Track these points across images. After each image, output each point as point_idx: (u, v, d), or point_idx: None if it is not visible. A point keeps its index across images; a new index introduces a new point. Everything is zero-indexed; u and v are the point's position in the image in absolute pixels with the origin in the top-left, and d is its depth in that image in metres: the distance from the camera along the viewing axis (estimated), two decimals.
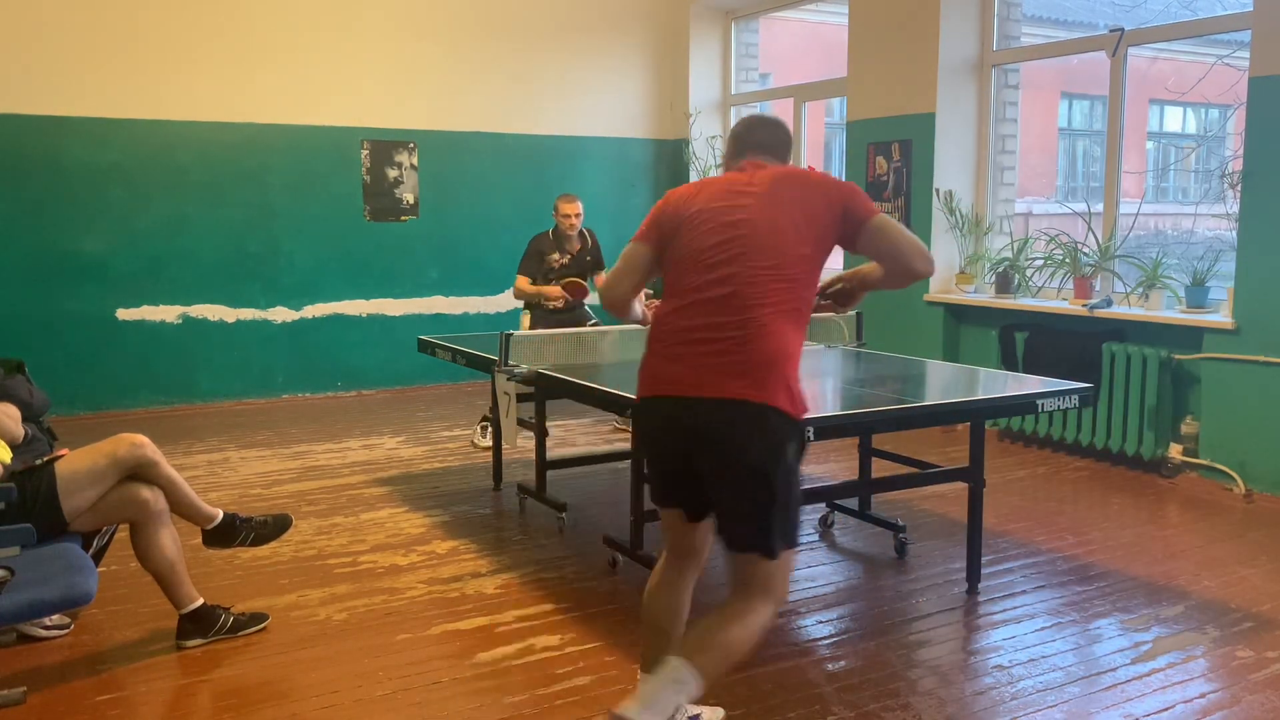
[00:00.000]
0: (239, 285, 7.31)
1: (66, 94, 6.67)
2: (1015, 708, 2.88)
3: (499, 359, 4.17)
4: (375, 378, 7.79)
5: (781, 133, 2.68)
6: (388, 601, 3.66)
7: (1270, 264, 4.87)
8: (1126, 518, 4.69)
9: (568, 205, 6.12)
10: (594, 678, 3.06)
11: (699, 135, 8.56)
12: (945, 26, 6.36)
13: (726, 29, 8.69)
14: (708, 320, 2.39)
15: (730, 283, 2.39)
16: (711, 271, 2.42)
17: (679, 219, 2.52)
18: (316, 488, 5.16)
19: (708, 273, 2.42)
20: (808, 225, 2.45)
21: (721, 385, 2.34)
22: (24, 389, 3.38)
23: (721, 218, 2.46)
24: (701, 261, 2.44)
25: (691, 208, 2.51)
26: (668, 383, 2.43)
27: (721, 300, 2.39)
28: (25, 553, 2.77)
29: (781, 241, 2.42)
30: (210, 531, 3.42)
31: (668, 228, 2.55)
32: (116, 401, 6.97)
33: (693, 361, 2.39)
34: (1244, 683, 3.03)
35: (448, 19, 7.77)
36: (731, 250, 2.41)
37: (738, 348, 2.35)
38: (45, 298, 6.73)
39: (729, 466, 2.36)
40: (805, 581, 3.87)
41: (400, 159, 7.74)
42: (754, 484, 2.35)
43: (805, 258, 2.46)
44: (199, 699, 2.98)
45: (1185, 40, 5.89)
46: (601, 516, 4.62)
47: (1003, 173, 6.66)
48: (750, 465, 2.34)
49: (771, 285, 2.39)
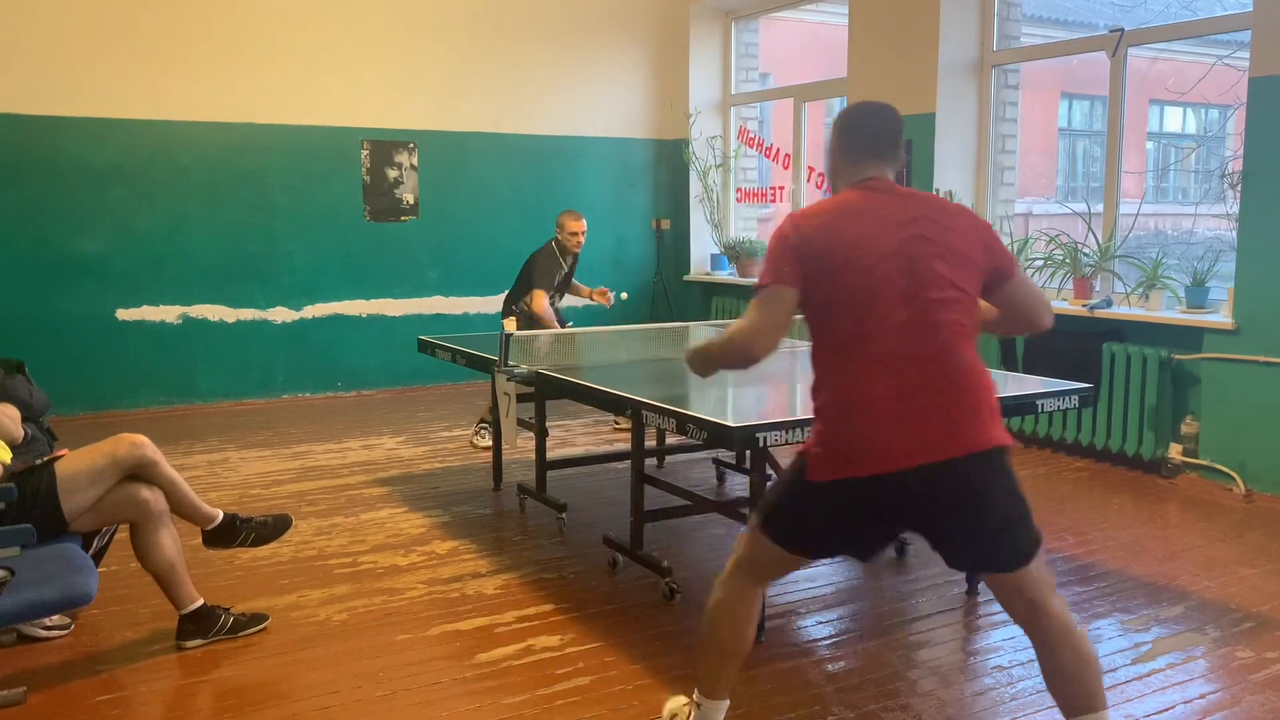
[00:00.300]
0: (239, 285, 7.31)
1: (66, 94, 6.67)
2: (1015, 708, 2.88)
3: (499, 359, 4.17)
4: (375, 378, 7.79)
5: (898, 127, 2.43)
6: (388, 602, 3.66)
7: (1270, 264, 4.87)
8: (1126, 518, 4.69)
9: (576, 223, 5.97)
10: (594, 678, 3.06)
11: (699, 135, 8.56)
12: (945, 26, 6.36)
13: (726, 29, 8.69)
14: (923, 369, 2.16)
15: (932, 321, 2.18)
16: (907, 309, 2.17)
17: (830, 254, 2.21)
18: (316, 488, 5.16)
19: (902, 311, 2.17)
20: (969, 261, 2.26)
21: (967, 436, 2.16)
22: (24, 389, 3.37)
23: (896, 250, 2.20)
24: (886, 299, 2.17)
25: (843, 239, 2.22)
26: (898, 453, 2.14)
27: (927, 341, 2.17)
28: (25, 553, 2.77)
29: (959, 274, 2.23)
30: (210, 532, 3.42)
31: (813, 265, 2.21)
32: (116, 401, 6.97)
33: (926, 419, 2.15)
34: (1244, 683, 3.03)
35: (448, 19, 7.77)
36: (921, 282, 2.19)
37: (965, 392, 2.18)
38: (45, 298, 6.73)
39: (986, 516, 2.20)
40: (805, 581, 3.87)
41: (400, 159, 7.74)
42: (1014, 514, 2.23)
43: (975, 293, 2.28)
44: (199, 699, 2.98)
45: (1185, 40, 5.89)
46: (601, 516, 4.62)
47: (1003, 173, 6.66)
48: (1006, 506, 2.22)
49: (963, 315, 2.22)
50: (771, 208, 9.50)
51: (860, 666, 3.15)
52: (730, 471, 5.25)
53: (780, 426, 3.03)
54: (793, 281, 2.22)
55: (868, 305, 2.18)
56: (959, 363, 2.19)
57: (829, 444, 2.23)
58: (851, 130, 2.41)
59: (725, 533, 4.42)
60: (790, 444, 3.05)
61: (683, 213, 8.79)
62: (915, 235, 2.22)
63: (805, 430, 3.05)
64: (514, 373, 4.13)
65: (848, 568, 4.09)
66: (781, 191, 8.25)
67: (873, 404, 2.16)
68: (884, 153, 2.38)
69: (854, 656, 3.23)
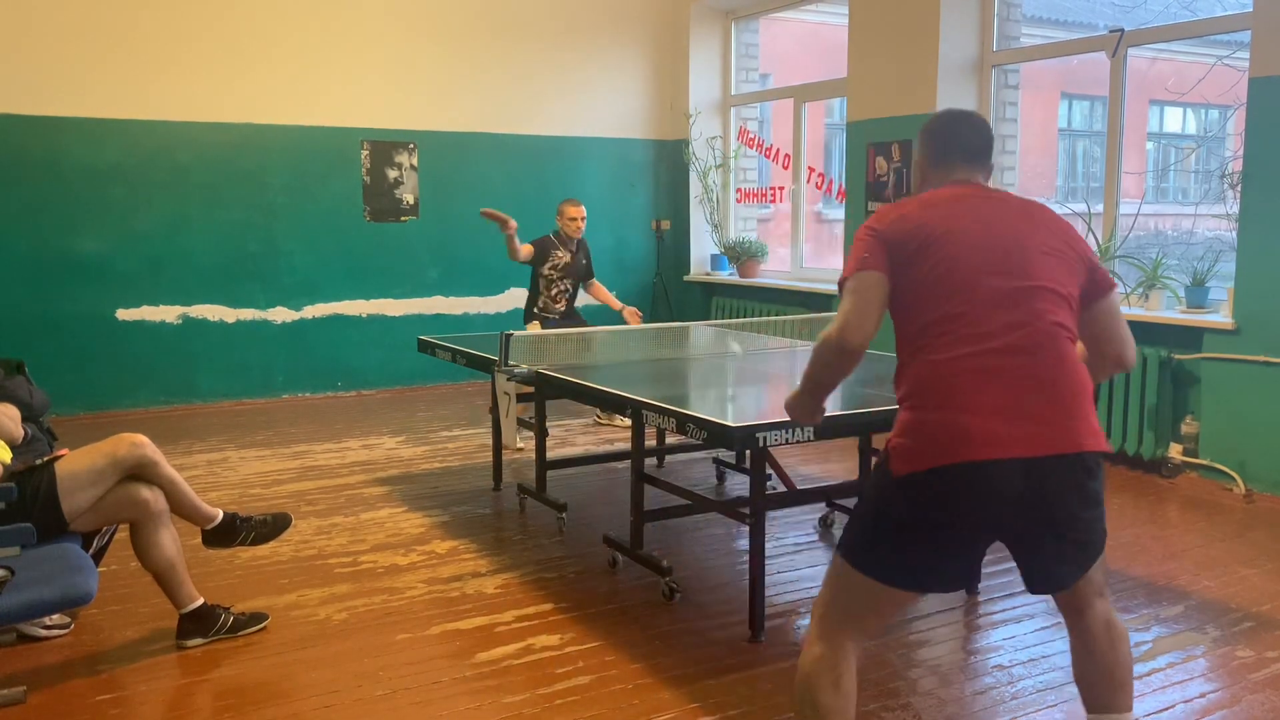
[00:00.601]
0: (239, 285, 7.31)
1: (66, 94, 6.67)
2: (1015, 708, 2.88)
3: (499, 359, 4.18)
4: (375, 378, 7.79)
5: (989, 134, 2.34)
6: (388, 601, 3.66)
7: (1270, 264, 4.87)
8: (1126, 517, 4.69)
9: (574, 209, 6.18)
10: (594, 678, 3.06)
11: (699, 135, 8.57)
12: (945, 27, 6.36)
13: (726, 29, 8.69)
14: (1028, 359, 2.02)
15: (1033, 312, 2.05)
16: (1005, 299, 2.05)
17: (918, 239, 2.11)
18: (316, 488, 5.16)
19: (1000, 299, 2.06)
20: (1067, 263, 2.15)
21: (1076, 434, 2.02)
22: (24, 389, 3.37)
23: (991, 240, 2.10)
24: (983, 286, 2.06)
25: (933, 226, 2.12)
26: (996, 442, 1.97)
27: (1030, 331, 2.04)
28: (25, 553, 2.77)
29: (1058, 272, 2.11)
30: (210, 531, 3.42)
31: (900, 252, 2.11)
32: (116, 401, 6.97)
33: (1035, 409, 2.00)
34: (1244, 683, 3.03)
35: (448, 19, 7.78)
36: (1016, 271, 2.08)
37: (1070, 389, 2.04)
38: (45, 298, 6.73)
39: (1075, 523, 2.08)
40: (805, 581, 3.87)
41: (400, 159, 7.74)
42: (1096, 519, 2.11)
43: (1074, 294, 2.14)
44: (199, 699, 2.98)
45: (1185, 41, 5.88)
46: (601, 516, 4.62)
47: (1003, 173, 6.65)
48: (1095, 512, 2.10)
49: (1062, 312, 2.09)
50: (771, 208, 9.50)
51: (860, 666, 3.14)
52: (730, 471, 5.25)
53: (780, 426, 3.02)
54: (878, 266, 2.12)
55: (960, 290, 2.06)
56: (1064, 357, 2.06)
57: (919, 431, 2.04)
58: (942, 137, 2.32)
59: (725, 533, 4.42)
60: (790, 444, 3.06)
61: (683, 213, 8.79)
62: (1010, 229, 2.13)
63: (805, 430, 3.05)
64: (514, 373, 4.14)
65: None
66: (781, 192, 8.25)
67: (974, 387, 2.00)
68: (976, 159, 2.30)
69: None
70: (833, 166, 10.84)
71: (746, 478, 4.65)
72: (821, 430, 3.13)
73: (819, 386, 2.26)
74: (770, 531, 4.30)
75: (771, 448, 3.08)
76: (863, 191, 6.98)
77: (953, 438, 1.99)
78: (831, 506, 4.53)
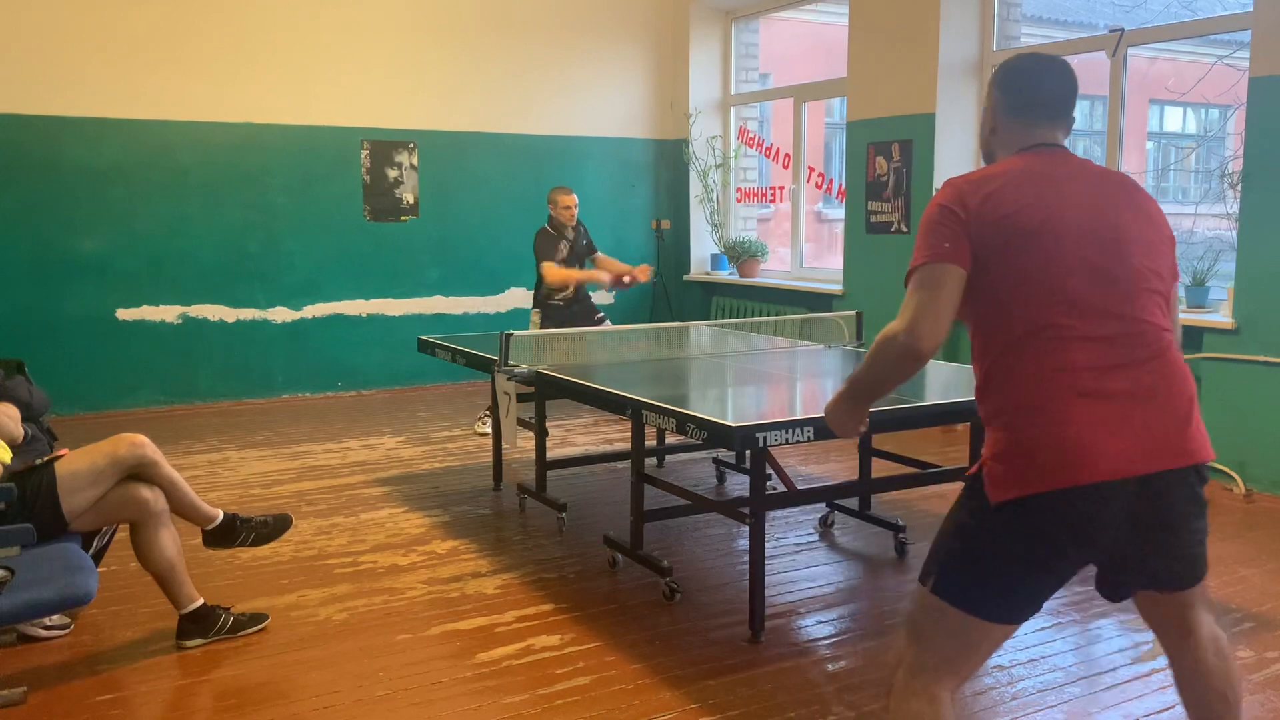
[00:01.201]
0: (239, 285, 7.31)
1: (66, 94, 6.67)
2: (1015, 708, 2.88)
3: (499, 359, 4.18)
4: (375, 378, 7.79)
5: (1073, 85, 2.08)
6: (388, 602, 3.66)
7: (1270, 264, 4.87)
8: None
9: (566, 197, 6.18)
10: (594, 678, 3.06)
11: (699, 135, 8.57)
12: (945, 26, 6.36)
13: (726, 29, 8.69)
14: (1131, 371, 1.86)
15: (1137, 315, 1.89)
16: (1106, 301, 1.88)
17: (1009, 232, 1.88)
18: (316, 488, 5.16)
19: (1101, 301, 1.87)
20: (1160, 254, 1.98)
21: (1187, 445, 1.87)
22: (24, 389, 3.37)
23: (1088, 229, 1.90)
24: (1082, 284, 1.87)
25: (1024, 211, 1.90)
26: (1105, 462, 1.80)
27: (1135, 337, 1.88)
28: (25, 553, 2.77)
29: (1157, 265, 1.96)
30: (210, 532, 3.42)
31: (988, 243, 1.89)
32: (116, 401, 6.97)
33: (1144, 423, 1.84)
34: (1244, 682, 3.02)
35: (448, 19, 7.77)
36: (1118, 269, 1.90)
37: (1181, 396, 1.88)
38: (45, 298, 6.73)
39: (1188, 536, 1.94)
40: (805, 581, 3.87)
41: (400, 159, 7.74)
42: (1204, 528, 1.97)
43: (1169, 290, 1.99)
44: (199, 699, 2.98)
45: (1185, 40, 5.89)
46: (601, 516, 4.62)
47: None
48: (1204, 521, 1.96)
49: (1163, 313, 1.94)
50: (772, 208, 9.50)
51: (860, 666, 3.15)
52: (730, 471, 5.25)
53: (780, 426, 3.03)
54: (959, 259, 1.88)
55: (1059, 293, 1.86)
56: (1172, 364, 1.90)
57: (1018, 453, 1.85)
58: (1022, 86, 2.06)
59: (725, 533, 4.42)
60: (790, 444, 3.05)
61: (683, 213, 8.79)
62: (1107, 218, 1.92)
63: (805, 430, 3.05)
64: (514, 372, 4.14)
65: (848, 567, 4.09)
66: (781, 191, 8.26)
67: (1077, 402, 1.82)
68: (1060, 116, 2.05)
69: (854, 656, 3.23)
70: (833, 166, 10.84)
71: (746, 478, 4.65)
72: (822, 430, 3.13)
73: (873, 392, 2.06)
74: (770, 531, 4.30)
75: (771, 448, 3.08)
76: (863, 191, 6.98)
77: (1057, 460, 1.81)
78: (831, 507, 4.53)
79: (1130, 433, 1.82)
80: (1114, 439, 1.81)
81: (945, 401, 3.69)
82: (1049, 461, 1.81)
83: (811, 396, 4.00)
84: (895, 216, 6.74)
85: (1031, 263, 1.87)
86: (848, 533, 4.46)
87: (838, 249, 7.59)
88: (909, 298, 1.91)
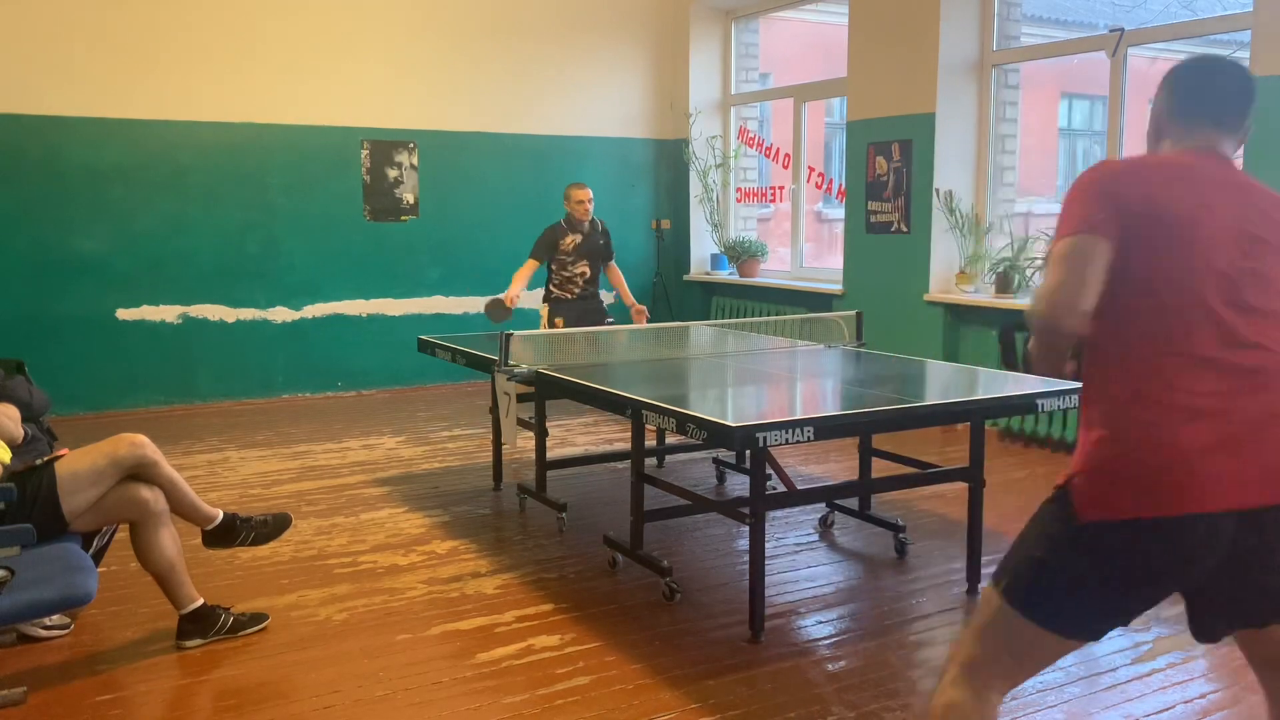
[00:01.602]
0: (239, 285, 7.31)
1: (66, 94, 6.67)
2: (1015, 708, 2.88)
3: (499, 359, 4.18)
4: (375, 378, 7.79)
5: (1249, 94, 1.90)
6: (388, 602, 3.66)
7: None
8: None
9: (580, 192, 6.18)
10: (594, 678, 3.06)
11: (699, 135, 8.57)
12: (945, 26, 6.36)
13: (726, 29, 8.69)
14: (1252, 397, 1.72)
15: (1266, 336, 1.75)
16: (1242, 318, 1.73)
17: (1155, 217, 1.74)
18: (316, 488, 5.16)
19: (1236, 316, 1.73)
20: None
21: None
22: (24, 389, 3.37)
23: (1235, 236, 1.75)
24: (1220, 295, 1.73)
25: (1175, 203, 1.75)
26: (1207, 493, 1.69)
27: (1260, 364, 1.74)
28: (25, 553, 2.77)
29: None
30: (210, 532, 3.42)
31: (1132, 225, 1.74)
32: (116, 401, 6.97)
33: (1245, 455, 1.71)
34: (1244, 683, 3.02)
35: (448, 19, 7.77)
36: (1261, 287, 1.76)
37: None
38: (45, 298, 6.73)
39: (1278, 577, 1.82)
40: (805, 581, 3.87)
41: (400, 159, 7.74)
42: None
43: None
44: (199, 699, 2.98)
45: (1185, 40, 5.88)
46: (601, 516, 4.62)
47: (1003, 173, 6.66)
48: None
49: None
50: (772, 208, 9.50)
51: (860, 666, 3.15)
52: (730, 471, 5.24)
53: (780, 426, 3.03)
54: (1107, 232, 1.72)
55: (1194, 300, 1.72)
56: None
57: (1115, 470, 1.73)
58: (1192, 88, 1.90)
59: (725, 533, 4.42)
60: (790, 444, 3.05)
61: (683, 213, 8.79)
62: (1254, 229, 1.78)
63: (805, 430, 3.05)
64: (514, 372, 4.14)
65: (848, 567, 4.09)
66: (781, 191, 8.26)
67: (1189, 423, 1.69)
68: (1227, 122, 1.88)
69: (854, 656, 3.23)
70: (833, 166, 10.83)
71: (746, 478, 4.65)
72: (821, 430, 3.14)
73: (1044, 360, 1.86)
74: (770, 531, 4.30)
75: (771, 448, 3.08)
76: (863, 191, 6.98)
77: (1156, 484, 1.69)
78: (831, 507, 4.53)
79: (1237, 462, 1.71)
80: (1217, 468, 1.69)
81: (944, 401, 3.70)
82: (1146, 486, 1.70)
83: (811, 396, 4.01)
84: (895, 216, 6.74)
85: (1174, 260, 1.74)
86: (848, 533, 4.46)
87: (838, 249, 7.59)
88: (1051, 271, 1.76)
